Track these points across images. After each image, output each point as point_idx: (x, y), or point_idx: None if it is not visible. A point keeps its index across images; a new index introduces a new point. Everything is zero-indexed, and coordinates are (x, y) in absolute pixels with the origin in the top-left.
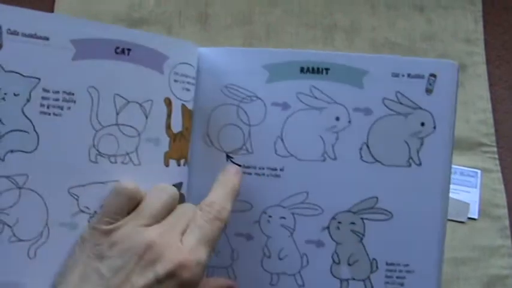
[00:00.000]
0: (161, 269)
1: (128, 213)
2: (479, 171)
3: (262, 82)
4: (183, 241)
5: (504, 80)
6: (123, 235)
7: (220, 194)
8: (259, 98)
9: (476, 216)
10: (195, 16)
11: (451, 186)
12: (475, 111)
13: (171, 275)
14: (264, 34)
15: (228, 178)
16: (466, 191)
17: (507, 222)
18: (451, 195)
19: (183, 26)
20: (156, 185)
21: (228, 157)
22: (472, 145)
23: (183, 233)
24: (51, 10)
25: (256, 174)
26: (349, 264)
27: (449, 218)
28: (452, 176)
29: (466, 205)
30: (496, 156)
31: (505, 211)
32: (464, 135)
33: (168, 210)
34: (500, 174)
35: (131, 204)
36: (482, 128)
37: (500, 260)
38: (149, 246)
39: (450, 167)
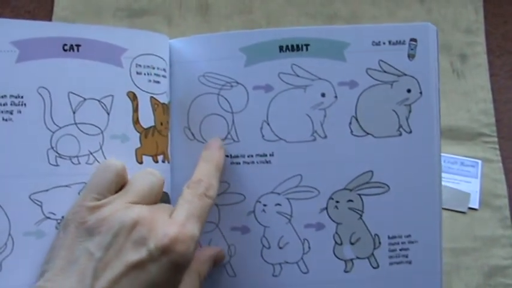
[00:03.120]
0: (154, 243)
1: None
2: (479, 162)
3: (241, 66)
4: (172, 216)
5: (505, 70)
6: (111, 211)
7: (205, 171)
8: (240, 83)
9: (477, 207)
10: (195, 6)
11: (452, 176)
12: (475, 101)
13: (164, 250)
14: (265, 23)
15: (212, 153)
16: (467, 181)
17: (508, 213)
18: (451, 185)
19: (184, 17)
20: (143, 170)
21: None
22: (473, 135)
23: (170, 214)
24: (52, 1)
25: (245, 162)
26: (351, 244)
27: (449, 208)
28: (453, 166)
29: (466, 195)
30: (497, 146)
31: (505, 201)
32: (464, 125)
33: (155, 194)
34: (500, 164)
35: (119, 181)
36: (482, 118)
37: (501, 250)
38: (139, 221)
39: (439, 131)
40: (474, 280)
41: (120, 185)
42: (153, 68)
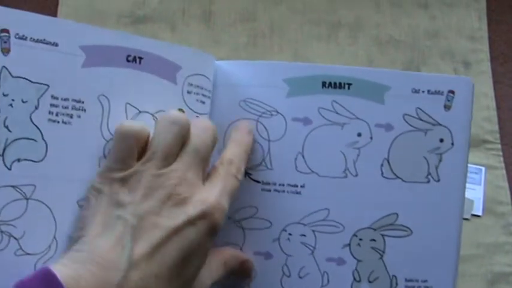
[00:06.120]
0: (192, 210)
1: (139, 156)
2: (483, 168)
3: (283, 96)
4: (208, 185)
5: (508, 78)
6: (142, 180)
7: (237, 153)
8: (280, 113)
9: (480, 213)
10: (198, 13)
11: None
12: (479, 109)
13: (203, 215)
14: (269, 31)
15: (242, 136)
16: (471, 188)
17: (511, 219)
18: None
19: (187, 24)
20: (162, 115)
21: (247, 173)
22: (476, 142)
23: (203, 171)
24: (56, 6)
25: (276, 190)
26: (369, 282)
27: None
28: None
29: (470, 202)
30: (500, 153)
31: (509, 208)
32: None
33: (181, 143)
34: (504, 172)
35: (140, 145)
36: (486, 125)
37: (505, 257)
38: (174, 188)
39: (465, 182)
40: (477, 287)
41: (142, 146)
42: (201, 88)
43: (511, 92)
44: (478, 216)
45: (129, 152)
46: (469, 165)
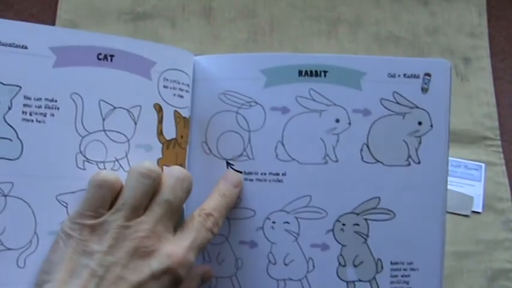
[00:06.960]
0: (157, 264)
1: (111, 205)
2: (483, 165)
3: (260, 87)
4: (178, 237)
5: (508, 74)
6: (110, 230)
7: (218, 207)
8: (258, 103)
9: (480, 210)
10: (198, 10)
11: (456, 179)
12: (479, 105)
13: (167, 271)
14: (269, 28)
15: (229, 189)
16: (470, 184)
17: (511, 216)
18: (455, 188)
19: (187, 20)
20: (134, 166)
21: (228, 164)
22: (476, 138)
23: (173, 224)
24: (56, 3)
25: (258, 180)
26: (354, 266)
27: (453, 211)
28: (456, 169)
29: (470, 198)
30: (500, 149)
31: (509, 204)
32: (468, 129)
33: (151, 195)
34: (504, 168)
35: (113, 195)
36: (486, 121)
37: (504, 254)
38: (141, 240)
39: (447, 164)
40: (477, 283)
41: (115, 196)
42: (178, 83)
43: (511, 88)
44: (478, 212)
45: (102, 201)
46: (468, 161)
